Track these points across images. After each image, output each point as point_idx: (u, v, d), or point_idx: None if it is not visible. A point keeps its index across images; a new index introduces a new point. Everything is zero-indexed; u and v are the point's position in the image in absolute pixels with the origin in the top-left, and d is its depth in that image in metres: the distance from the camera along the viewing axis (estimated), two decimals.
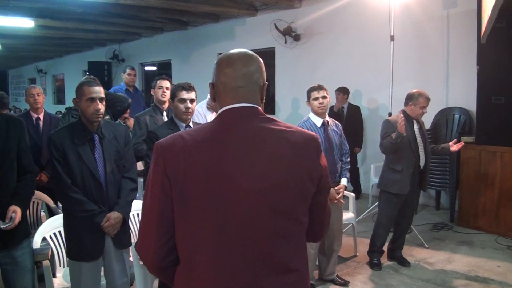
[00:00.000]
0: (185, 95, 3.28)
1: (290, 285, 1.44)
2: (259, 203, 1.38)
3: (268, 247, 1.40)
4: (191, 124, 3.39)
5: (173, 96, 3.33)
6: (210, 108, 4.48)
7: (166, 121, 3.49)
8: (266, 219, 1.39)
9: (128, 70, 6.32)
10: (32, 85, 5.14)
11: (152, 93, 4.65)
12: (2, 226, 2.58)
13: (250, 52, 1.53)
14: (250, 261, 1.39)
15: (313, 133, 1.56)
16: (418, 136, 4.47)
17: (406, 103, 4.48)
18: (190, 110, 3.31)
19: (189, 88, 3.32)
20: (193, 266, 1.42)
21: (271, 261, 1.40)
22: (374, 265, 4.57)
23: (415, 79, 6.88)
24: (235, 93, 1.48)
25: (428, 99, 4.39)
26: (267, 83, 1.56)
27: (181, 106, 3.28)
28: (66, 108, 4.47)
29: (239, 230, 1.38)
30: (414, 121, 4.47)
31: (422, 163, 4.46)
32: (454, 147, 4.39)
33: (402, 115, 4.38)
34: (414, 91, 4.46)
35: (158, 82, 4.55)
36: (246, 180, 1.38)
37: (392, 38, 6.13)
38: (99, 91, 2.86)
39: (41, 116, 4.80)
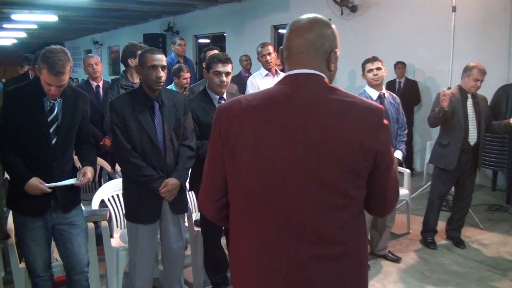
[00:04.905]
0: (220, 67, 3.20)
1: (333, 257, 1.42)
2: (302, 173, 1.38)
3: (305, 216, 1.39)
4: (224, 96, 3.34)
5: (208, 67, 3.26)
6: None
7: (199, 93, 3.43)
8: (307, 189, 1.38)
9: (178, 41, 6.43)
10: (90, 54, 5.26)
11: (204, 65, 4.68)
12: (76, 182, 2.74)
13: (318, 17, 1.50)
14: (286, 228, 1.40)
15: (377, 105, 1.48)
16: (470, 112, 4.28)
17: (461, 76, 4.33)
18: (225, 83, 3.24)
19: (225, 60, 3.22)
20: (238, 226, 1.51)
21: (308, 229, 1.39)
22: (429, 243, 4.51)
23: (475, 53, 6.58)
24: (297, 59, 1.49)
25: (482, 72, 4.18)
26: (336, 50, 1.51)
27: (216, 79, 3.22)
28: (112, 80, 4.52)
29: (279, 198, 1.40)
30: (469, 96, 4.29)
31: (472, 139, 4.28)
32: None
33: (456, 89, 4.29)
34: (470, 63, 4.28)
35: (208, 53, 4.57)
36: (292, 149, 1.39)
37: (454, 9, 5.87)
38: (161, 59, 2.90)
39: (101, 84, 4.93)
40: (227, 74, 3.24)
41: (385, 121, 1.45)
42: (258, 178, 1.42)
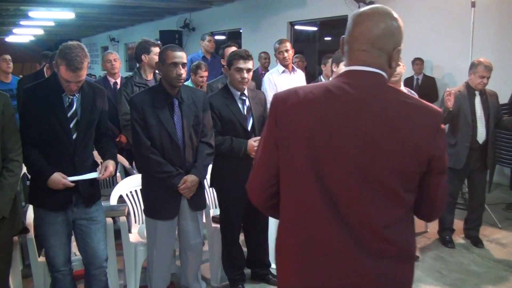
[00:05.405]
0: (242, 64, 3.20)
1: (381, 255, 1.40)
2: (354, 169, 1.37)
3: (355, 211, 1.38)
4: (246, 92, 3.35)
5: (229, 64, 3.27)
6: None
7: (221, 89, 3.44)
8: (358, 186, 1.37)
9: (207, 37, 6.44)
10: (109, 51, 5.27)
11: (222, 62, 4.68)
12: (98, 176, 2.76)
13: (384, 11, 1.45)
14: (336, 222, 1.39)
15: (437, 108, 1.45)
16: (478, 109, 4.22)
17: (468, 73, 4.27)
18: (246, 80, 3.24)
19: (247, 57, 3.23)
20: (287, 218, 1.50)
21: (357, 224, 1.38)
22: (447, 242, 4.46)
23: (495, 49, 6.49)
24: (358, 56, 1.45)
25: (488, 68, 4.11)
26: (400, 48, 1.46)
27: (237, 76, 3.22)
28: (125, 77, 4.54)
29: (331, 192, 1.39)
30: (477, 93, 4.23)
31: (481, 138, 4.22)
32: None
33: (464, 87, 4.25)
34: (476, 59, 4.23)
35: (226, 50, 4.57)
36: (347, 145, 1.37)
37: (473, 5, 5.79)
38: (182, 56, 2.92)
39: (118, 81, 4.93)
40: (248, 70, 3.25)
41: (442, 126, 1.43)
42: (312, 171, 1.40)
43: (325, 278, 1.42)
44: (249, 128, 3.27)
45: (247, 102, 3.32)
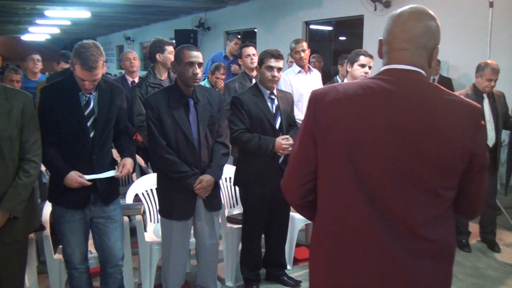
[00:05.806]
0: (273, 63, 3.27)
1: (420, 253, 1.39)
2: (394, 166, 1.37)
3: (393, 208, 1.38)
4: (275, 91, 3.39)
5: (260, 62, 3.34)
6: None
7: (251, 87, 3.51)
8: (397, 183, 1.37)
9: (235, 40, 6.44)
10: (129, 50, 5.35)
11: (240, 62, 4.69)
12: (116, 174, 2.77)
13: (423, 10, 1.47)
14: (374, 218, 1.39)
15: (477, 104, 1.44)
16: (487, 112, 4.17)
17: (475, 75, 4.21)
18: (276, 78, 3.31)
19: (278, 56, 3.30)
20: (324, 218, 1.51)
21: (395, 220, 1.38)
22: (464, 246, 4.41)
23: None
24: (398, 55, 1.46)
25: (495, 71, 4.05)
26: (439, 46, 1.49)
27: (268, 74, 3.28)
28: (140, 77, 4.57)
29: (369, 189, 1.39)
30: (485, 96, 4.17)
31: (490, 141, 4.16)
32: None
33: (471, 89, 4.19)
34: (483, 61, 4.17)
35: (244, 50, 4.57)
36: (386, 142, 1.37)
37: (491, 5, 5.71)
38: (198, 55, 2.93)
39: (136, 80, 4.96)
40: (279, 69, 3.30)
41: (483, 122, 1.43)
42: (350, 166, 1.41)
43: (363, 275, 1.41)
44: (277, 126, 3.31)
45: (276, 101, 3.37)
